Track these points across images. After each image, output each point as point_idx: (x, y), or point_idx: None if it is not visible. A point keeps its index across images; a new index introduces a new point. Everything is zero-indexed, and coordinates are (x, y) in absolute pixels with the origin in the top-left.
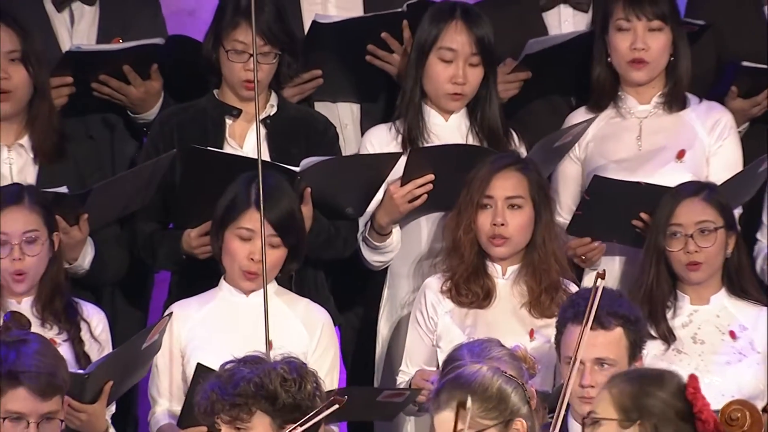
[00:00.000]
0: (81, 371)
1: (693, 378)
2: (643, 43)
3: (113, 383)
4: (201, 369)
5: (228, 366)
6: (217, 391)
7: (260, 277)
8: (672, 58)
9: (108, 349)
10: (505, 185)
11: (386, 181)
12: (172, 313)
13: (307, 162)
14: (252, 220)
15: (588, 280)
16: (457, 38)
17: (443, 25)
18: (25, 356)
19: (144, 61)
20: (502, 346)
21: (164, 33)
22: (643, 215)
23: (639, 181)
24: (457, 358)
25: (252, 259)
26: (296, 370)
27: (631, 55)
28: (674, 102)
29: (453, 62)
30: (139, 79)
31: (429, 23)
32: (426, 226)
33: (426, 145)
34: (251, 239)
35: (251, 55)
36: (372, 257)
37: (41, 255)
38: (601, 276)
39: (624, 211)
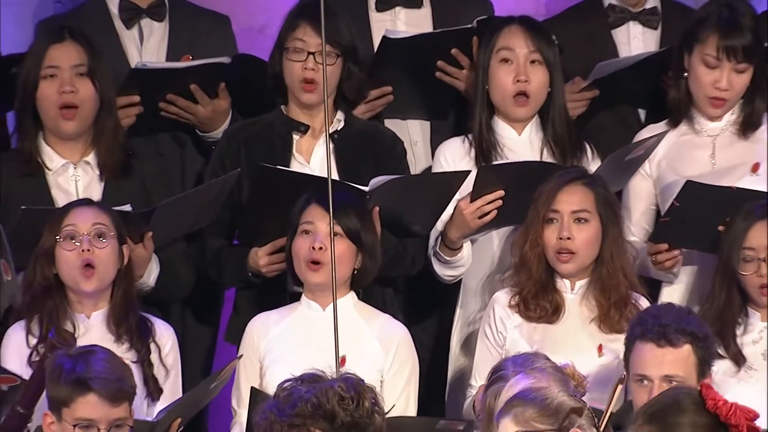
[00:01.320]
0: (149, 419)
1: (706, 387)
2: (727, 84)
3: (180, 420)
4: (255, 393)
5: (286, 385)
6: (275, 411)
7: (324, 268)
8: (749, 91)
9: (175, 371)
10: (571, 199)
11: (456, 197)
12: (242, 355)
13: (375, 181)
14: (311, 214)
15: (666, 295)
16: (513, 39)
17: (501, 30)
18: (94, 363)
19: (211, 79)
20: (548, 359)
21: (234, 50)
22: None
23: (731, 186)
24: (501, 369)
25: (313, 248)
26: (354, 387)
27: (713, 93)
28: (748, 128)
29: (513, 62)
30: (207, 98)
31: (489, 34)
32: (497, 240)
33: (499, 158)
34: (311, 232)
35: (310, 53)
36: (443, 272)
37: (110, 252)
38: (621, 381)
39: (712, 218)
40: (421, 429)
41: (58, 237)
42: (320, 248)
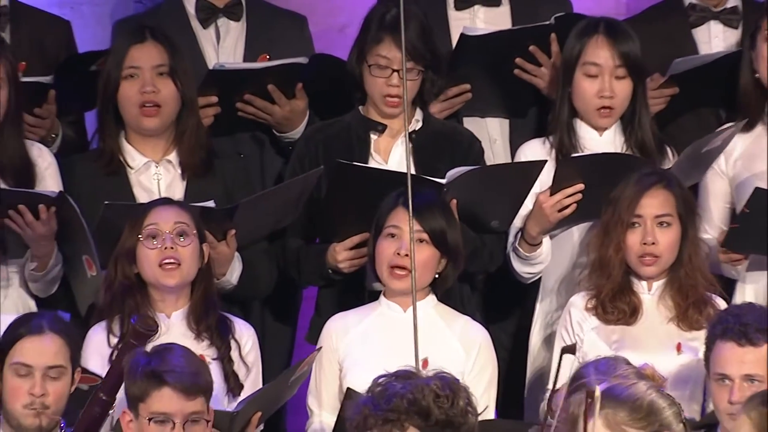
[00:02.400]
0: (229, 410)
1: None
2: None
3: (261, 414)
4: (350, 392)
5: (380, 380)
6: (369, 406)
7: (409, 275)
8: None
9: (256, 369)
10: (654, 203)
11: (535, 191)
12: (320, 348)
13: (453, 173)
14: (398, 217)
15: (740, 296)
16: (599, 52)
17: (586, 40)
18: (169, 358)
19: (288, 79)
20: (629, 363)
21: (311, 50)
22: None
23: None
24: (583, 376)
25: (398, 254)
26: (449, 386)
27: None
28: None
29: (598, 77)
30: (284, 99)
31: (573, 39)
32: (577, 237)
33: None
34: (397, 236)
35: (394, 71)
36: (522, 268)
37: (191, 250)
38: (567, 351)
39: None
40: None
41: (139, 236)
42: (406, 255)
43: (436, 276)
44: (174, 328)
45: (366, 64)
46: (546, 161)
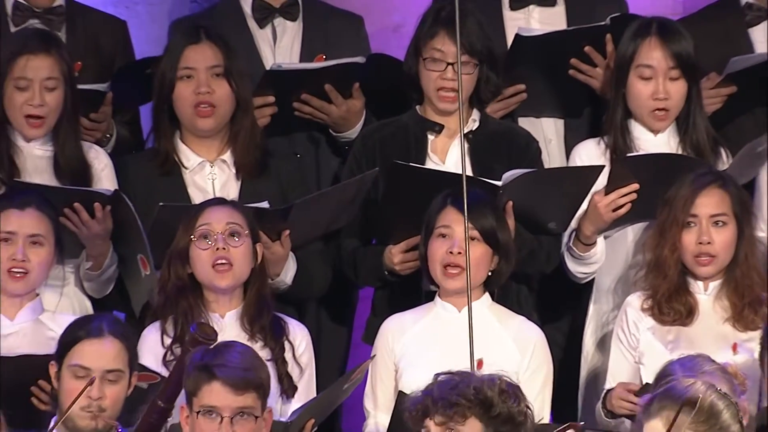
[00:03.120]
0: (283, 419)
1: None
2: None
3: (314, 420)
4: (402, 396)
5: (441, 377)
6: (435, 392)
7: (462, 273)
8: None
9: (310, 370)
10: (709, 203)
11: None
12: (374, 356)
13: (509, 175)
14: (448, 217)
15: None
16: (653, 54)
17: (639, 41)
18: (224, 354)
19: (345, 79)
20: (713, 361)
21: (367, 50)
22: None
23: None
24: (669, 374)
25: (450, 253)
26: (512, 387)
27: None
28: None
29: (652, 79)
30: (341, 98)
31: (627, 41)
32: (632, 236)
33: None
34: (448, 236)
35: (448, 64)
36: (576, 268)
37: (244, 251)
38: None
39: None
40: None
41: (192, 236)
42: (458, 253)
43: (489, 273)
44: (228, 328)
45: (421, 59)
46: (604, 166)
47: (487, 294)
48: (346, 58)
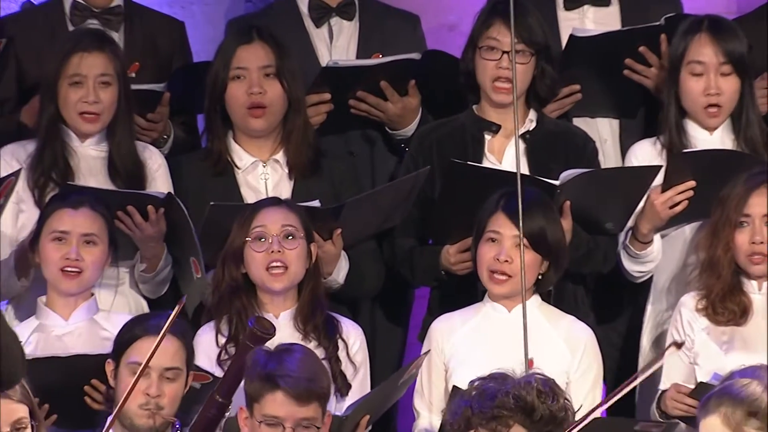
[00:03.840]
0: (339, 414)
1: None
2: None
3: (369, 416)
4: (456, 392)
5: (476, 383)
6: (474, 405)
7: (509, 280)
8: None
9: (364, 369)
10: (762, 203)
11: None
12: (428, 351)
13: (566, 175)
14: (497, 222)
15: None
16: (703, 50)
17: (690, 38)
18: (287, 362)
19: (401, 76)
20: None
21: (423, 48)
22: None
23: None
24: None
25: (497, 259)
26: (548, 383)
27: None
28: None
29: (704, 75)
30: (397, 95)
31: (678, 38)
32: (689, 234)
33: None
34: (497, 241)
35: (504, 52)
36: (633, 267)
37: (299, 253)
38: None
39: None
40: (617, 430)
41: (247, 238)
42: (506, 261)
43: (539, 277)
44: (282, 328)
45: (477, 49)
46: (661, 166)
47: (536, 295)
48: (402, 55)
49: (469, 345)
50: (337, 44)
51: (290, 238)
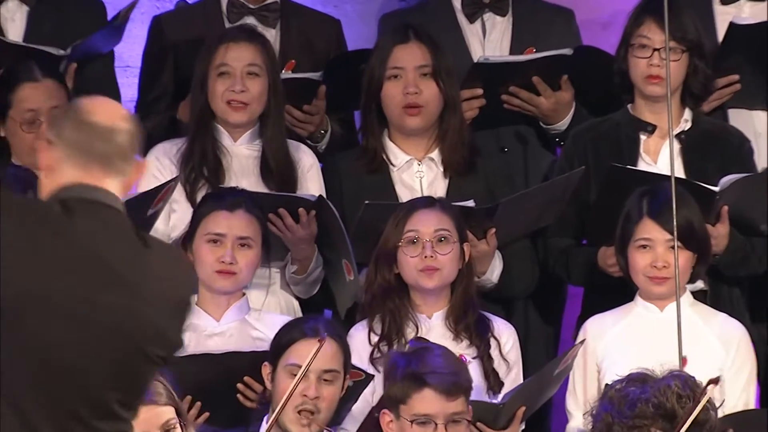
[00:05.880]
0: (496, 402)
1: None
2: None
3: (525, 408)
4: (608, 389)
5: (617, 386)
6: (613, 413)
7: (667, 282)
8: None
9: (517, 368)
10: None
11: None
12: (584, 339)
13: (726, 180)
14: (645, 228)
15: None
16: None
17: None
18: (428, 359)
19: (553, 71)
20: None
21: (578, 42)
22: None
23: None
24: None
25: (654, 266)
26: (688, 385)
27: None
28: None
29: None
30: (549, 90)
31: None
32: None
33: None
34: (649, 247)
35: (655, 50)
36: None
37: (452, 255)
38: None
39: None
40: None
41: (400, 243)
42: (663, 266)
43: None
44: (434, 328)
45: (629, 48)
46: None
47: (688, 292)
48: (553, 51)
49: (622, 345)
50: (490, 39)
51: (443, 241)
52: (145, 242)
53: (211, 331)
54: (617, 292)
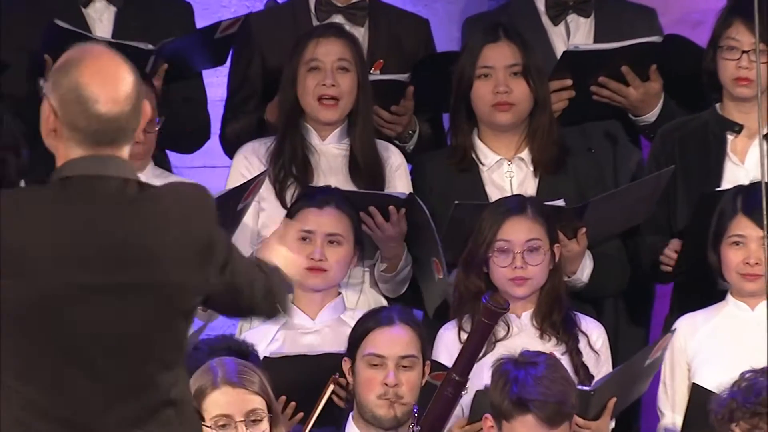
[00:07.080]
0: (587, 388)
1: None
2: None
3: (616, 400)
4: (696, 389)
5: (747, 375)
6: (738, 399)
7: (759, 279)
8: None
9: (606, 362)
10: None
11: None
12: (675, 330)
13: None
14: (739, 225)
15: None
16: None
17: None
18: (535, 382)
19: (642, 61)
20: None
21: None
22: None
23: None
24: None
25: (748, 263)
26: None
27: None
28: None
29: None
30: (638, 81)
31: None
32: None
33: None
34: (743, 244)
35: (743, 52)
36: None
37: (542, 265)
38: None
39: None
40: None
41: (490, 252)
42: (756, 263)
43: None
44: (522, 327)
45: (717, 49)
46: None
47: None
48: (643, 38)
49: (713, 343)
50: (574, 41)
51: (534, 251)
52: (153, 198)
53: (306, 329)
54: (704, 290)
